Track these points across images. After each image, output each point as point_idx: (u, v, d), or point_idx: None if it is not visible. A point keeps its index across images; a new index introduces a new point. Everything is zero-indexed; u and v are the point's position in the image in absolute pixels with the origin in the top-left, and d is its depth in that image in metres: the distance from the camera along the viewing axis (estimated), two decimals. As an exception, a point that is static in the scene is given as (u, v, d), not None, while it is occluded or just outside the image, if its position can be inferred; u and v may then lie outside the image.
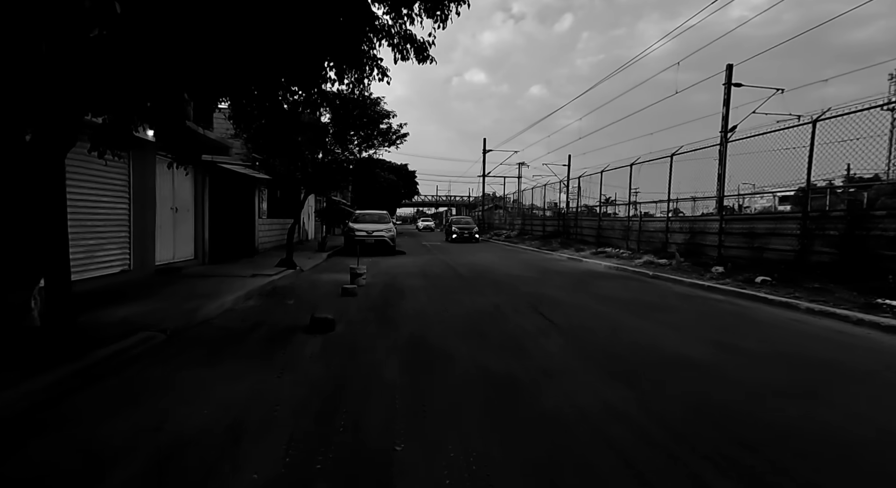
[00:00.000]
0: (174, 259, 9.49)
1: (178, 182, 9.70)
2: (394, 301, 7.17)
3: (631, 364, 4.06)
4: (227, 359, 4.15)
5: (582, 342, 4.78)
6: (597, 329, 5.40)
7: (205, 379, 3.63)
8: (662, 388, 3.49)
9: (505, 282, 9.39)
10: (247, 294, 7.25)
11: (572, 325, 5.53)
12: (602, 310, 6.49)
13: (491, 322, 5.71)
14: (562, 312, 6.32)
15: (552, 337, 5.00)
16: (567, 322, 5.71)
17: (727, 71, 19.66)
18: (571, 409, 3.09)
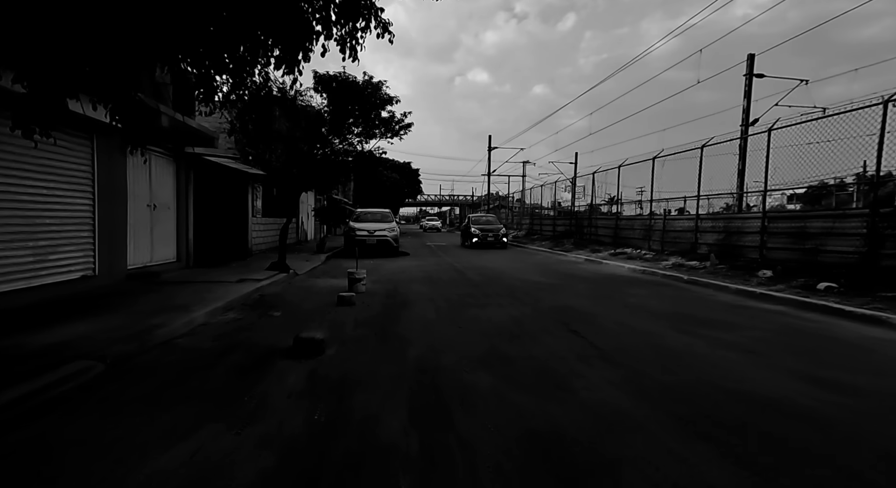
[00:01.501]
0: (151, 262, 8.48)
1: (157, 176, 8.70)
2: (397, 313, 6.13)
3: (714, 412, 3.00)
4: (176, 401, 3.12)
5: (636, 375, 3.72)
6: (648, 354, 4.34)
7: (135, 436, 2.60)
8: (784, 460, 2.43)
9: (521, 289, 8.34)
10: (227, 304, 6.23)
11: (616, 349, 4.48)
12: (646, 327, 5.43)
13: (515, 343, 4.66)
14: (598, 330, 5.26)
15: (595, 366, 3.94)
16: (608, 343, 4.66)
17: (748, 61, 18.58)
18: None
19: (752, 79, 18.53)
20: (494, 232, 18.99)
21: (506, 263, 13.15)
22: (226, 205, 12.34)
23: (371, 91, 9.74)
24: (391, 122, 10.81)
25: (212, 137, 9.23)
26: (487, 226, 19.54)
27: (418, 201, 75.94)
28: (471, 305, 6.72)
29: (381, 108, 10.18)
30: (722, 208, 17.52)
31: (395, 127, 10.93)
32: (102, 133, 6.75)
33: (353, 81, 9.52)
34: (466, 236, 20.01)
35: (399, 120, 10.95)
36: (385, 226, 15.33)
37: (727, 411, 3.00)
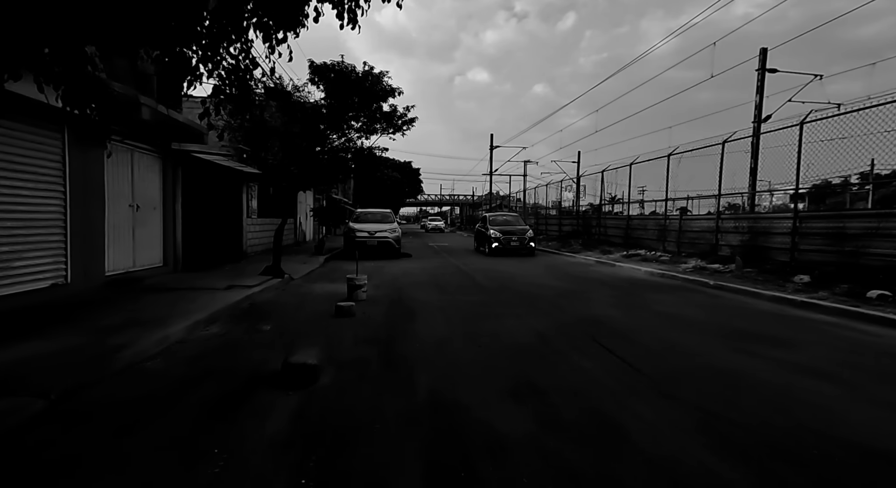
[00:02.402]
0: (134, 267, 7.81)
1: (141, 173, 8.02)
2: (403, 327, 5.45)
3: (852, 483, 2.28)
4: (124, 455, 2.44)
5: (708, 416, 3.02)
6: (708, 382, 3.66)
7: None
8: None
9: (537, 295, 7.66)
10: (211, 316, 5.55)
11: (667, 375, 3.79)
12: (690, 344, 4.74)
13: (544, 366, 3.98)
14: (636, 347, 4.58)
15: (650, 401, 3.26)
16: (655, 367, 3.97)
17: (761, 55, 17.94)
18: None
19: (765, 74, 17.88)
20: (519, 234, 15.11)
21: (515, 266, 12.47)
22: (218, 206, 11.67)
23: (372, 82, 9.05)
24: (393, 116, 10.10)
25: (201, 133, 8.56)
26: (508, 227, 15.72)
27: (419, 201, 75.27)
28: (486, 316, 6.03)
29: (383, 100, 9.46)
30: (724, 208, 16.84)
31: (397, 121, 10.22)
32: (76, 125, 6.07)
33: (352, 70, 8.83)
34: (482, 240, 16.15)
35: (402, 114, 10.24)
36: (386, 227, 14.65)
37: (869, 482, 2.29)
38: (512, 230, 15.42)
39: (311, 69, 9.10)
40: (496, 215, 18.01)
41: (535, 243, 16.38)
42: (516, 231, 15.47)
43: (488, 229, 15.61)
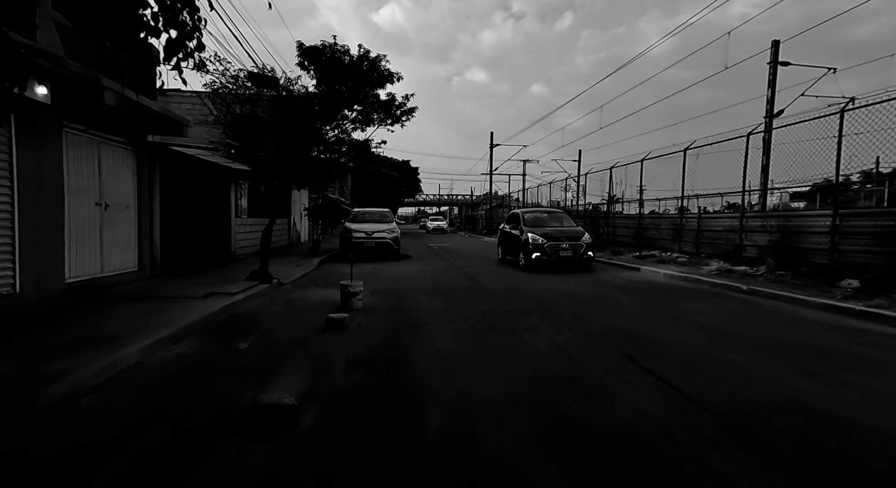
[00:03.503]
0: (102, 272, 6.98)
1: (110, 168, 7.20)
2: (403, 344, 4.64)
3: None
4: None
5: (804, 469, 2.25)
6: (790, 419, 2.89)
7: None
8: None
9: (553, 302, 6.86)
10: (179, 331, 4.74)
11: (736, 410, 3.00)
12: (748, 365, 3.95)
13: (578, 398, 3.19)
14: (684, 369, 3.79)
15: (725, 447, 2.48)
16: (716, 398, 3.18)
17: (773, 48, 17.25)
18: None
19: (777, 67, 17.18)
20: (572, 239, 10.52)
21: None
22: (204, 205, 10.87)
23: (368, 66, 8.22)
24: (391, 105, 9.28)
25: (179, 123, 7.73)
26: (554, 228, 11.06)
27: (417, 201, 74.45)
28: (498, 328, 5.24)
29: (380, 86, 8.62)
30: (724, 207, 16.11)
31: (395, 112, 9.39)
32: (24, 112, 5.25)
33: (346, 52, 8.00)
34: (513, 247, 11.72)
35: (400, 104, 9.41)
36: (384, 227, 13.84)
37: None
38: (560, 233, 10.66)
39: (301, 52, 8.26)
40: (533, 212, 12.77)
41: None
42: (567, 234, 10.65)
43: (523, 231, 10.90)
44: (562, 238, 10.57)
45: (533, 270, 10.48)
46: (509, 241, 12.21)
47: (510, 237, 12.06)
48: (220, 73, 8.50)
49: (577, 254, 10.40)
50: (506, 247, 12.68)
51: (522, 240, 10.87)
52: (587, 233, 11.12)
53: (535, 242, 10.46)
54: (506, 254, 12.70)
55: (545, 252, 10.31)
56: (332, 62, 7.99)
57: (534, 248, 10.40)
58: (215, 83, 8.60)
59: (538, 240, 10.46)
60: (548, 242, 10.37)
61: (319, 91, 8.41)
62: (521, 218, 11.80)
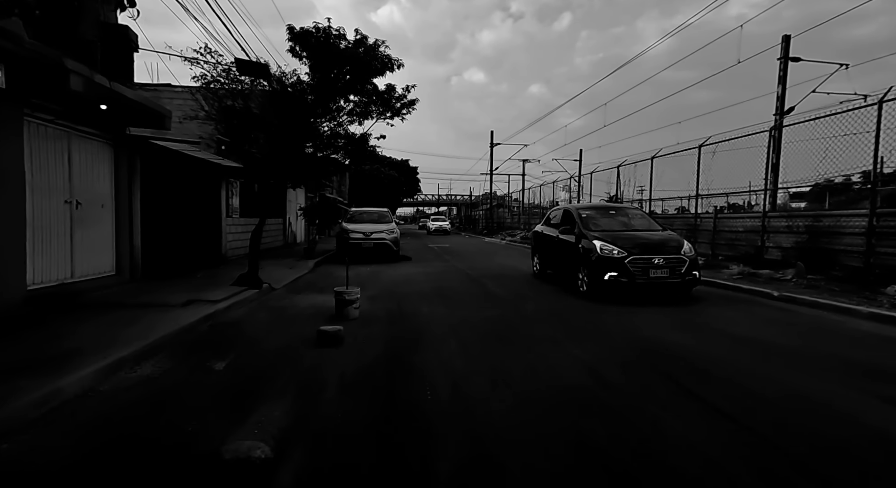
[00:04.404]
0: (73, 277, 6.35)
1: (82, 163, 6.56)
2: (405, 361, 4.02)
3: None
4: None
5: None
6: (881, 463, 2.27)
7: None
8: None
9: (567, 306, 6.27)
10: (147, 347, 4.11)
11: (812, 447, 2.40)
12: (810, 387, 3.34)
13: (619, 431, 2.57)
14: (738, 394, 3.18)
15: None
16: (783, 431, 2.58)
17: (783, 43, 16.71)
18: None
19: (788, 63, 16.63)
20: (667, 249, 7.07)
21: (525, 269, 11.07)
22: (193, 204, 10.22)
23: (366, 53, 7.57)
24: (391, 97, 8.63)
25: (161, 114, 7.09)
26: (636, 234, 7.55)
27: (416, 201, 73.90)
28: (512, 341, 4.63)
29: (379, 74, 7.97)
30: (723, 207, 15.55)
31: (395, 104, 8.75)
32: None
33: (341, 36, 7.35)
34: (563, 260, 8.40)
35: (401, 95, 8.77)
36: (383, 228, 13.21)
37: None
38: (645, 242, 7.09)
39: (291, 36, 7.60)
40: (595, 208, 8.85)
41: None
42: (655, 243, 7.09)
43: (584, 237, 7.45)
44: (650, 249, 6.81)
45: (601, 298, 6.83)
46: (554, 250, 8.59)
47: (556, 245, 8.42)
48: (213, 66, 7.91)
49: (675, 273, 6.74)
50: (547, 258, 9.16)
51: (582, 249, 7.30)
52: (686, 242, 7.31)
53: (607, 255, 6.78)
54: (545, 266, 9.31)
55: (626, 271, 6.65)
56: (326, 47, 7.34)
57: (606, 265, 6.75)
58: (206, 76, 8.01)
59: (613, 253, 6.76)
60: (629, 256, 6.69)
61: (312, 79, 7.76)
62: (578, 217, 8.03)
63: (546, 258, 9.35)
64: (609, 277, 6.74)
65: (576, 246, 7.64)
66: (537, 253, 9.89)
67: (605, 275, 6.77)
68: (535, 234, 10.15)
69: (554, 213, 9.55)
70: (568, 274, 8.14)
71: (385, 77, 8.04)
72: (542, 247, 9.59)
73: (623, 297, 6.89)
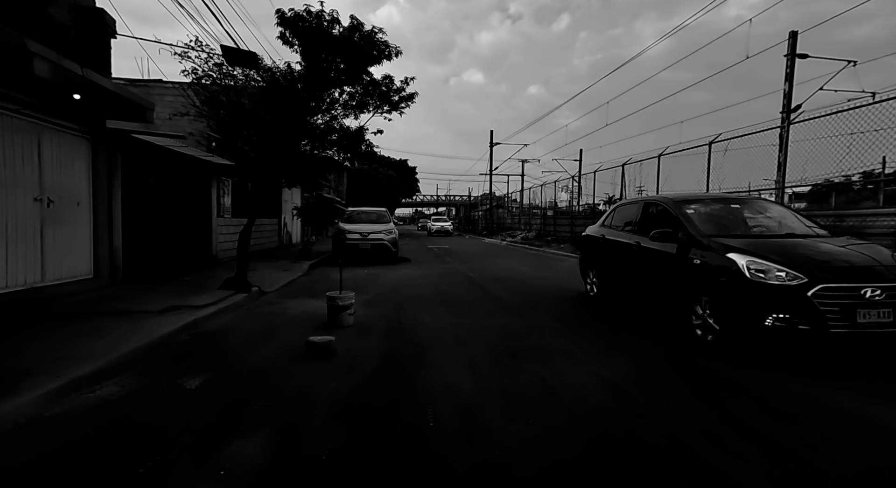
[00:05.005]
0: (44, 281, 5.86)
1: (55, 158, 6.08)
2: (405, 378, 3.55)
3: None
4: None
5: None
6: None
7: None
8: None
9: (579, 314, 5.81)
10: (113, 363, 3.63)
11: None
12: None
13: (666, 477, 2.09)
14: (828, 448, 2.69)
15: None
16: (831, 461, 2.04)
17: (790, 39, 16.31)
18: None
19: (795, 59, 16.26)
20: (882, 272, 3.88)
21: (531, 271, 10.62)
22: (181, 203, 9.75)
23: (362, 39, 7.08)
24: (389, 89, 8.13)
25: (141, 106, 6.61)
26: (811, 245, 4.45)
27: (415, 202, 73.42)
28: (523, 354, 4.15)
29: (376, 62, 7.47)
30: None
31: (392, 97, 8.25)
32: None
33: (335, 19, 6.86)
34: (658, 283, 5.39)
35: (399, 88, 8.28)
36: (381, 228, 12.74)
37: None
38: (841, 259, 4.11)
39: (281, 20, 7.10)
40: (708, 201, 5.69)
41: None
42: (863, 262, 4.06)
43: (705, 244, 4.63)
44: (852, 272, 3.93)
45: (751, 359, 3.96)
46: (632, 265, 5.90)
47: (636, 257, 5.73)
48: (204, 61, 7.44)
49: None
50: (615, 275, 6.45)
51: (705, 268, 4.51)
52: None
53: (767, 282, 3.94)
54: (611, 286, 6.61)
55: (808, 310, 3.77)
56: (319, 32, 6.85)
57: (766, 299, 3.92)
58: (197, 71, 7.54)
59: (778, 277, 3.91)
60: (814, 283, 3.80)
61: (304, 68, 7.27)
62: (683, 214, 5.16)
63: (613, 275, 6.50)
64: (775, 322, 3.79)
65: (685, 261, 4.66)
66: (595, 267, 7.04)
67: (767, 319, 3.82)
68: (590, 240, 7.33)
69: (624, 210, 6.67)
70: (666, 306, 5.22)
71: (382, 66, 7.57)
72: (604, 259, 6.73)
73: (796, 359, 3.94)
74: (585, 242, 7.60)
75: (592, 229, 7.45)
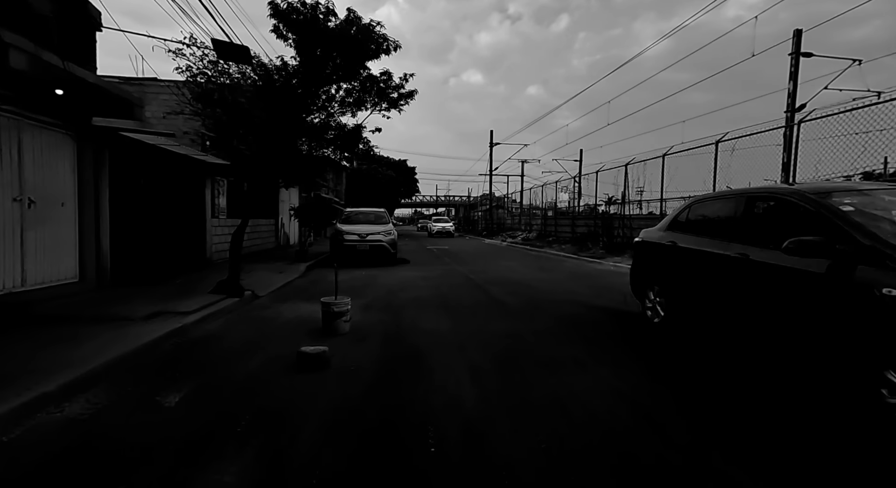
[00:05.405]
0: (25, 285, 5.59)
1: (37, 156, 5.81)
2: (403, 392, 3.27)
3: None
4: None
5: None
6: None
7: None
8: None
9: (589, 323, 5.54)
10: (85, 377, 3.36)
11: None
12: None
13: None
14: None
15: None
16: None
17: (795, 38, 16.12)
18: None
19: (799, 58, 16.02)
20: None
21: (533, 274, 10.35)
22: (174, 203, 9.46)
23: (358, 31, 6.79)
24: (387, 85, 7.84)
25: (128, 102, 6.35)
26: None
27: (414, 202, 73.12)
28: (529, 364, 3.88)
29: (374, 56, 7.19)
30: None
31: (391, 93, 7.95)
32: None
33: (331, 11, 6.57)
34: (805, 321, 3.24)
35: (398, 84, 7.99)
36: (380, 229, 12.46)
37: None
38: None
39: (274, 12, 6.80)
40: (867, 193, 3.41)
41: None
42: None
43: None
44: None
45: None
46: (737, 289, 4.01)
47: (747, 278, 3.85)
48: (199, 58, 7.18)
49: None
50: (700, 299, 4.63)
51: None
52: None
53: None
54: (678, 309, 4.99)
55: None
56: (314, 25, 6.57)
57: None
58: (192, 68, 7.28)
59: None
60: None
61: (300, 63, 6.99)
62: (843, 216, 3.11)
63: (693, 299, 4.70)
64: None
65: (857, 291, 2.83)
66: (658, 282, 5.34)
67: None
68: (650, 248, 5.62)
69: (710, 207, 4.79)
70: (809, 360, 3.34)
71: (380, 60, 7.29)
72: (676, 275, 5.00)
73: None
74: (643, 250, 5.87)
75: (653, 233, 5.70)
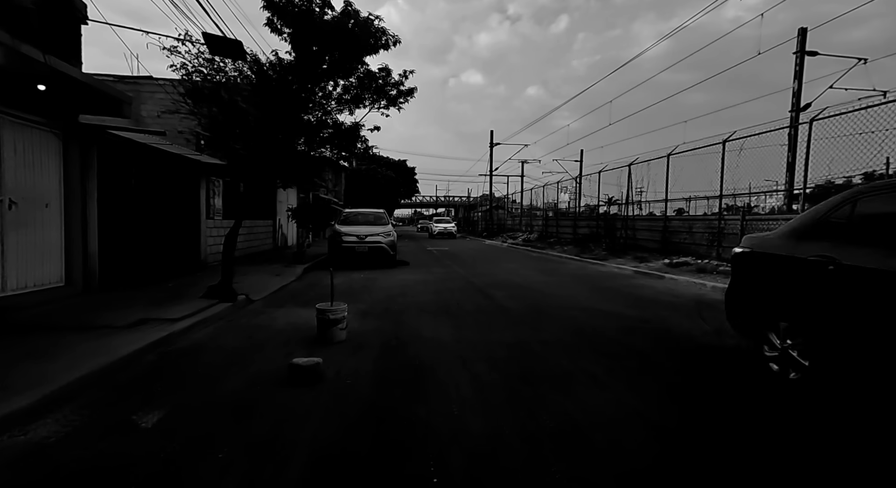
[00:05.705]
0: (5, 290, 5.32)
1: (19, 155, 5.54)
2: (403, 411, 3.00)
3: None
4: None
5: None
6: None
7: None
8: None
9: (597, 330, 5.28)
10: (56, 394, 3.09)
11: None
12: None
13: None
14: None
15: None
16: None
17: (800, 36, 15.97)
18: None
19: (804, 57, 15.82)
20: None
21: (535, 276, 10.09)
22: (167, 204, 9.19)
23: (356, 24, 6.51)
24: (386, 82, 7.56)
25: (116, 99, 6.07)
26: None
27: (413, 202, 72.87)
28: (537, 377, 3.62)
29: (373, 51, 6.92)
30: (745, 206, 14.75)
31: (390, 90, 7.68)
32: None
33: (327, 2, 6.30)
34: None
35: (397, 81, 7.73)
36: (379, 230, 12.20)
37: None
38: None
39: (267, 4, 6.50)
40: None
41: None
42: None
43: None
44: None
45: None
46: None
47: None
48: (194, 56, 6.92)
49: None
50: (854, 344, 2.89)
51: None
52: None
53: None
54: (833, 361, 3.05)
55: None
56: (309, 17, 6.30)
57: None
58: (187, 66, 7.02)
59: None
60: None
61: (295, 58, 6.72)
62: None
63: (877, 349, 2.78)
64: None
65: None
66: (793, 315, 3.43)
67: None
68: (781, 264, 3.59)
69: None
70: None
71: (379, 55, 7.02)
72: (841, 309, 3.02)
73: None
74: (755, 267, 3.92)
75: (773, 241, 3.81)
